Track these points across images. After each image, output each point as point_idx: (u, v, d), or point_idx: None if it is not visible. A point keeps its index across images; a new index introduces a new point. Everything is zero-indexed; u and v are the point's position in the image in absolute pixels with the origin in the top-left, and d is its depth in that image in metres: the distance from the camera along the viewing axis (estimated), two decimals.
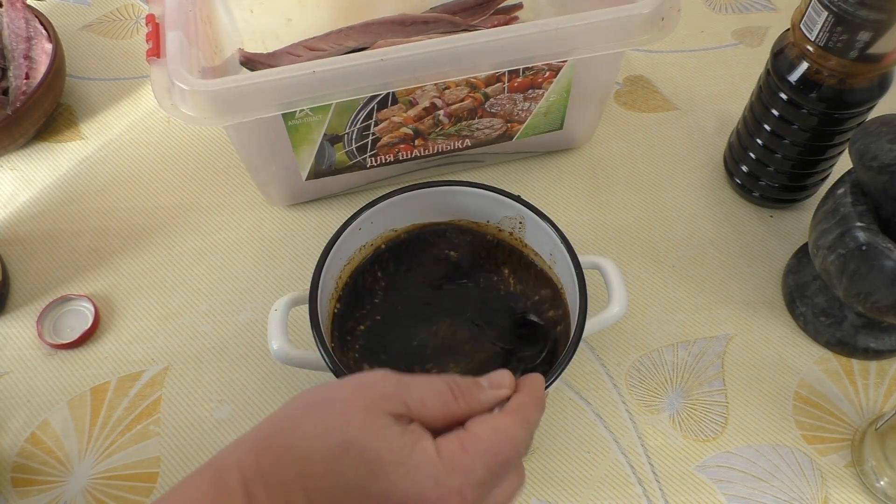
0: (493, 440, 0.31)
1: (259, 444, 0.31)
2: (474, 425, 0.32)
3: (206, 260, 0.60)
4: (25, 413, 0.53)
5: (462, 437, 0.31)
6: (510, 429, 0.32)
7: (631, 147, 0.67)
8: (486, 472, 0.31)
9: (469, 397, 0.33)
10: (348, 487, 0.30)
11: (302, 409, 0.32)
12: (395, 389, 0.32)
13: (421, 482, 0.30)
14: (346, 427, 0.30)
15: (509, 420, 0.33)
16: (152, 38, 0.50)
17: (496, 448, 0.31)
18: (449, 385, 0.33)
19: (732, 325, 0.56)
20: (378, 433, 0.30)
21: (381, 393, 0.32)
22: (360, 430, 0.30)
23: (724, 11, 0.78)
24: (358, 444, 0.30)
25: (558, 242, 0.49)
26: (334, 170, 0.58)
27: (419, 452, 0.30)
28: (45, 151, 0.67)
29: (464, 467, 0.30)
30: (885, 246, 0.45)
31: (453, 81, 0.53)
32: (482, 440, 0.31)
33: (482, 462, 0.31)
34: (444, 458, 0.30)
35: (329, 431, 0.30)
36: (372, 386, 0.32)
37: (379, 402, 0.31)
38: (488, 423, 0.32)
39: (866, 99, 0.51)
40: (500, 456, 0.31)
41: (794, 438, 0.51)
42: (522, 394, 0.35)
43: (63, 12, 0.78)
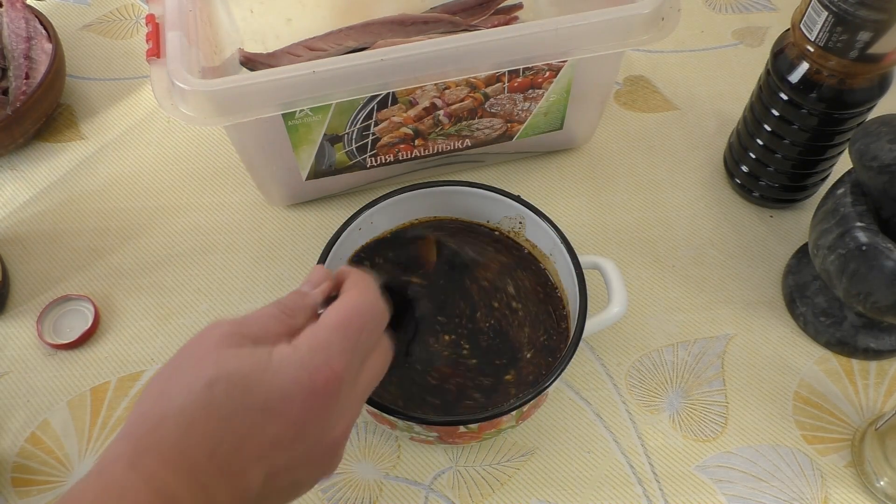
0: (340, 314, 0.33)
1: (134, 428, 0.30)
2: (319, 317, 0.34)
3: (206, 260, 0.60)
4: (25, 413, 0.53)
5: (311, 326, 0.33)
6: (350, 300, 0.34)
7: (631, 147, 0.67)
8: (346, 340, 0.33)
9: (299, 307, 0.34)
10: (231, 415, 0.30)
11: (158, 383, 0.32)
12: (234, 328, 0.33)
13: (289, 373, 0.31)
14: (203, 369, 0.31)
15: (347, 296, 0.34)
16: (152, 38, 0.50)
17: (345, 318, 0.33)
18: (278, 305, 0.34)
19: (732, 325, 0.56)
20: (234, 359, 0.31)
21: (221, 333, 0.32)
22: (216, 365, 0.31)
23: (724, 11, 0.78)
24: (220, 375, 0.30)
25: (558, 242, 0.49)
26: (334, 170, 0.58)
27: (277, 353, 0.32)
28: (45, 151, 0.67)
29: (321, 342, 0.32)
30: (885, 246, 0.45)
31: (453, 81, 0.53)
32: (329, 318, 0.33)
33: (337, 334, 0.32)
34: (300, 347, 0.32)
35: (190, 383, 0.30)
36: (209, 334, 0.32)
37: (224, 340, 0.32)
38: (330, 308, 0.34)
39: (866, 99, 0.51)
40: (353, 323, 0.33)
41: (794, 438, 0.51)
42: (352, 274, 0.36)
43: (63, 12, 0.78)
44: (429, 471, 0.50)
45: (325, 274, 0.36)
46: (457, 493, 0.49)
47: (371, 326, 0.34)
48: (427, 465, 0.50)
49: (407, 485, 0.50)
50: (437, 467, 0.50)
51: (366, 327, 0.34)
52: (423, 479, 0.50)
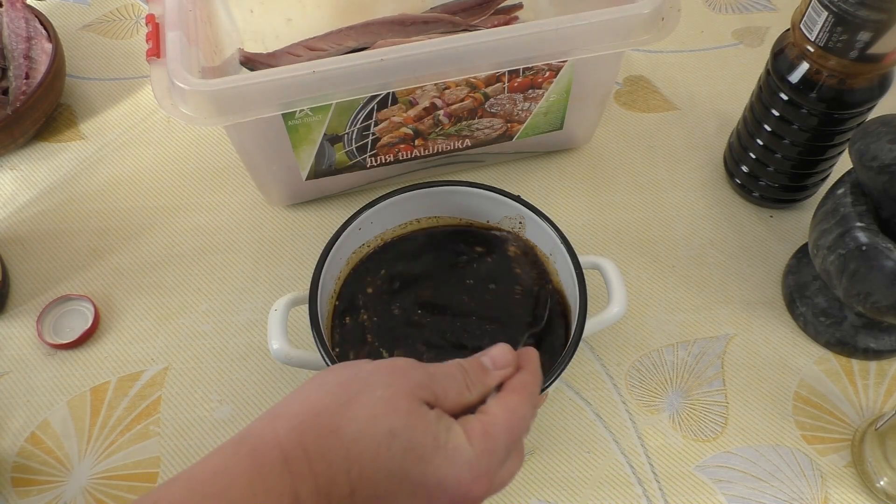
0: (510, 421, 0.34)
1: (301, 422, 0.31)
2: (491, 407, 0.34)
3: (206, 260, 0.60)
4: (25, 413, 0.53)
5: (484, 422, 0.33)
6: (520, 408, 0.35)
7: (631, 147, 0.67)
8: (506, 450, 0.34)
9: (479, 384, 0.35)
10: (393, 472, 0.31)
11: (343, 390, 0.33)
12: (427, 380, 0.34)
13: (458, 466, 0.32)
14: (393, 415, 0.32)
15: (518, 399, 0.35)
16: (152, 38, 0.50)
17: (513, 428, 0.34)
18: (462, 374, 0.35)
19: (732, 325, 0.56)
20: (421, 421, 0.32)
21: (417, 382, 0.33)
22: (407, 418, 0.32)
23: (724, 11, 0.78)
24: (406, 431, 0.31)
25: (558, 242, 0.49)
26: (334, 170, 0.58)
27: (453, 437, 0.32)
28: (45, 151, 0.67)
29: (489, 450, 0.33)
30: (885, 246, 0.45)
31: (453, 81, 0.53)
32: (501, 422, 0.34)
33: (503, 442, 0.33)
34: (474, 443, 0.33)
35: (378, 418, 0.31)
36: (407, 375, 0.34)
37: (416, 391, 0.33)
38: (502, 403, 0.35)
39: (866, 99, 0.51)
40: (515, 434, 0.34)
41: (794, 438, 0.51)
42: (525, 372, 0.37)
43: (63, 12, 0.78)
44: None
45: (510, 358, 0.37)
46: None
47: (524, 435, 0.35)
48: None
49: None
50: None
51: (521, 435, 0.35)
52: None
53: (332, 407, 0.32)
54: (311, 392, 0.33)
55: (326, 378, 0.34)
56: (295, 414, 0.32)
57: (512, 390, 0.35)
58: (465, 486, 0.32)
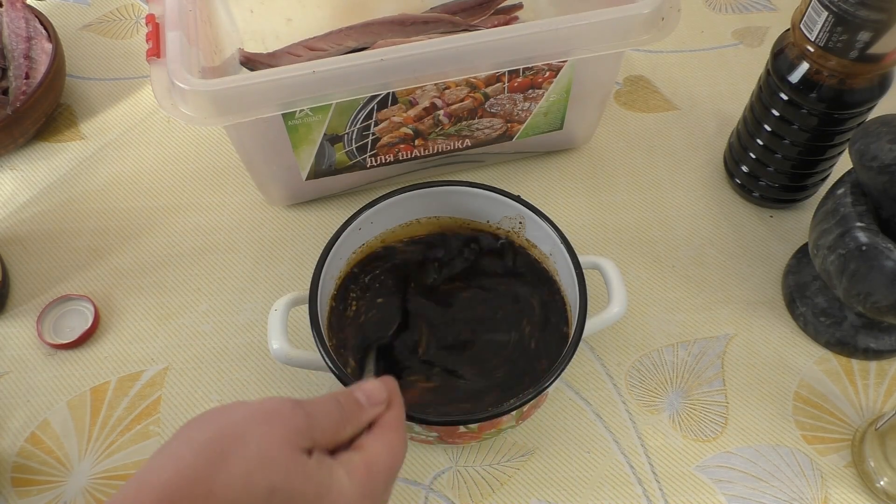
0: (389, 458, 0.34)
1: (169, 493, 0.28)
2: (370, 443, 0.35)
3: (206, 260, 0.60)
4: (25, 413, 0.53)
5: (366, 460, 0.34)
6: (398, 445, 0.35)
7: (631, 147, 0.67)
8: (386, 485, 0.34)
9: (354, 421, 0.35)
10: None
11: (214, 448, 0.30)
12: (304, 424, 0.32)
13: None
14: (271, 470, 0.30)
15: (395, 437, 0.35)
16: (152, 38, 0.50)
17: (392, 464, 0.35)
18: (339, 410, 0.34)
19: (732, 325, 0.56)
20: (301, 471, 0.31)
21: (294, 429, 0.32)
22: (286, 472, 0.30)
23: (724, 11, 0.78)
24: (286, 486, 0.30)
25: (558, 242, 0.49)
26: (334, 170, 0.58)
27: (336, 483, 0.32)
28: (45, 151, 0.67)
29: (372, 489, 0.33)
30: (885, 246, 0.45)
31: (453, 81, 0.53)
32: (381, 460, 0.34)
33: (383, 480, 0.34)
34: (355, 482, 0.32)
35: (253, 475, 0.30)
36: (284, 421, 0.32)
37: (294, 438, 0.31)
38: (381, 440, 0.35)
39: (866, 99, 0.51)
40: (394, 471, 0.35)
41: (794, 438, 0.51)
42: (396, 407, 0.37)
43: (63, 12, 0.78)
44: (429, 471, 0.50)
45: (384, 395, 0.37)
46: (457, 493, 0.49)
47: (399, 470, 0.36)
48: (427, 464, 0.50)
49: (407, 485, 0.50)
50: (437, 467, 0.50)
51: (397, 472, 0.35)
52: (423, 479, 0.50)
53: (203, 470, 0.29)
54: (179, 453, 0.30)
55: (193, 435, 0.31)
56: (163, 483, 0.29)
57: (388, 427, 0.35)
58: None
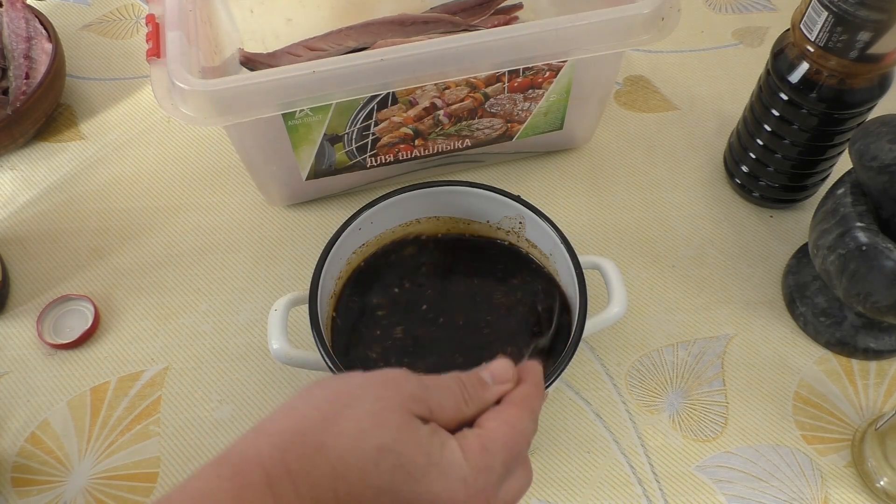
0: (508, 435, 0.33)
1: (284, 439, 0.30)
2: (489, 421, 0.33)
3: (206, 260, 0.60)
4: (25, 413, 0.53)
5: (481, 436, 0.32)
6: (520, 422, 0.34)
7: (631, 147, 0.67)
8: (504, 468, 0.32)
9: (477, 399, 0.34)
10: (382, 490, 0.30)
11: (329, 405, 0.31)
12: (421, 392, 0.32)
13: (452, 483, 0.31)
14: (382, 430, 0.30)
15: (518, 413, 0.34)
16: (152, 38, 0.50)
17: (511, 442, 0.33)
18: (460, 387, 0.34)
19: (732, 325, 0.56)
20: (413, 436, 0.31)
21: (410, 395, 0.32)
22: (397, 433, 0.30)
23: (724, 11, 0.78)
24: (395, 447, 0.30)
25: (558, 242, 0.49)
26: (334, 170, 0.58)
27: (448, 453, 0.31)
28: (45, 151, 0.67)
29: (486, 466, 0.32)
30: (885, 246, 0.45)
31: (453, 81, 0.53)
32: (499, 437, 0.32)
33: (501, 458, 0.32)
34: (469, 459, 0.31)
35: (365, 433, 0.30)
36: (399, 387, 0.32)
37: (409, 404, 0.32)
38: (501, 417, 0.33)
39: (866, 99, 0.51)
40: (515, 449, 0.33)
41: (794, 438, 0.51)
42: (526, 384, 0.35)
43: (63, 12, 0.78)
44: None
45: (511, 373, 0.36)
46: None
47: (526, 450, 0.34)
48: None
49: None
50: None
51: (523, 453, 0.34)
52: None
53: (317, 423, 0.30)
54: (297, 407, 0.31)
55: (313, 392, 0.32)
56: (279, 431, 0.30)
57: (511, 403, 0.34)
58: (460, 502, 0.31)
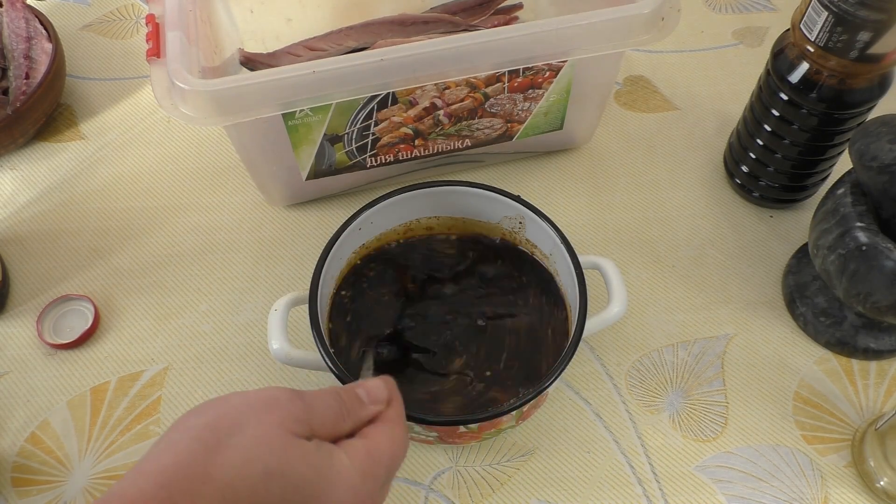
0: (391, 447, 0.35)
1: (167, 475, 0.29)
2: (373, 433, 0.35)
3: (206, 260, 0.60)
4: (25, 413, 0.53)
5: (367, 446, 0.34)
6: (401, 438, 0.36)
7: (631, 147, 0.67)
8: (388, 475, 0.35)
9: (354, 415, 0.35)
10: None
11: (212, 432, 0.31)
12: (302, 412, 0.33)
13: (342, 492, 0.32)
14: (268, 453, 0.31)
15: (398, 429, 0.36)
16: (152, 38, 0.50)
17: (393, 454, 0.35)
18: (339, 403, 0.35)
19: (732, 325, 0.56)
20: (298, 455, 0.31)
21: (292, 416, 0.32)
22: (282, 455, 0.31)
23: (724, 11, 0.78)
24: (284, 468, 0.31)
25: (558, 242, 0.49)
26: (334, 170, 0.58)
27: (336, 462, 0.32)
28: (45, 151, 0.67)
29: (373, 474, 0.33)
30: (885, 246, 0.45)
31: (453, 81, 0.53)
32: (382, 447, 0.35)
33: (385, 467, 0.34)
34: (356, 465, 0.33)
35: (251, 460, 0.30)
36: (280, 408, 0.32)
37: (291, 425, 0.32)
38: (385, 431, 0.35)
39: (866, 99, 0.51)
40: (396, 461, 0.35)
41: (794, 438, 0.51)
42: (396, 403, 0.37)
43: (63, 12, 0.78)
44: (429, 471, 0.50)
45: (385, 394, 0.37)
46: (457, 493, 0.49)
47: (401, 463, 0.36)
48: (427, 464, 0.50)
49: (407, 485, 0.50)
50: (437, 467, 0.50)
51: (400, 464, 0.36)
52: (423, 479, 0.50)
53: (201, 454, 0.30)
54: (177, 440, 0.31)
55: (190, 422, 0.31)
56: (161, 468, 0.29)
57: (391, 420, 0.36)
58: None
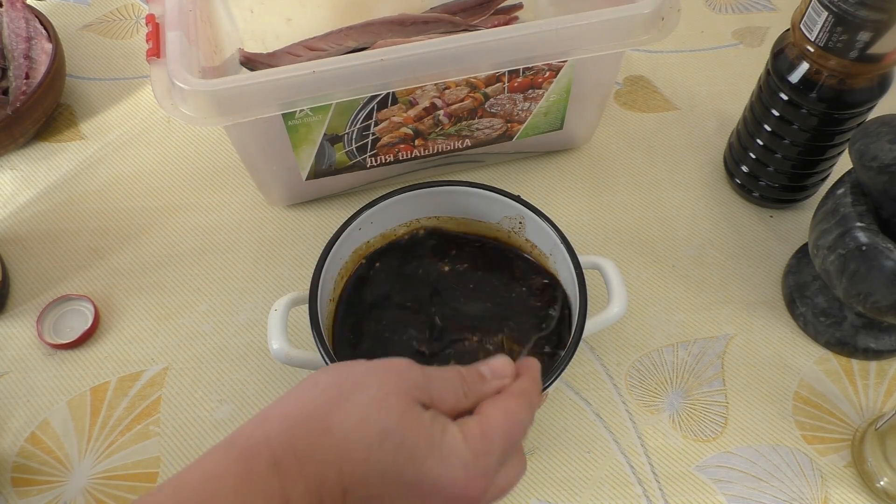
0: (507, 423, 0.34)
1: (291, 423, 0.31)
2: (488, 408, 0.34)
3: (206, 260, 0.60)
4: (25, 413, 0.53)
5: (481, 423, 0.33)
6: (518, 412, 0.35)
7: (631, 147, 0.67)
8: (502, 454, 0.33)
9: (476, 391, 0.35)
10: (385, 472, 0.31)
11: (335, 390, 0.32)
12: (423, 381, 0.33)
13: (452, 466, 0.32)
14: (386, 414, 0.31)
15: (517, 403, 0.35)
16: (152, 38, 0.50)
17: (510, 430, 0.34)
18: (460, 380, 0.35)
19: (732, 325, 0.56)
20: (415, 420, 0.32)
21: (413, 382, 0.33)
22: (400, 418, 0.31)
23: (724, 11, 0.78)
24: (398, 431, 0.31)
25: (558, 242, 0.49)
26: (334, 170, 0.58)
27: (449, 438, 0.32)
28: (45, 151, 0.67)
29: (486, 451, 0.33)
30: (885, 246, 0.45)
31: (453, 81, 0.53)
32: (498, 424, 0.33)
33: (499, 445, 0.33)
34: (470, 443, 0.32)
35: (369, 417, 0.31)
36: (402, 375, 0.33)
37: (412, 391, 0.33)
38: (500, 406, 0.34)
39: (866, 99, 0.51)
40: (512, 438, 0.34)
41: (794, 438, 0.51)
42: (524, 378, 0.37)
43: (63, 12, 0.78)
44: None
45: (509, 369, 0.37)
46: None
47: (522, 440, 0.35)
48: None
49: None
50: None
51: (519, 441, 0.35)
52: None
53: (323, 407, 0.32)
54: (304, 392, 0.33)
55: (319, 378, 0.33)
56: (285, 415, 0.32)
57: (510, 394, 0.35)
58: (459, 486, 0.32)
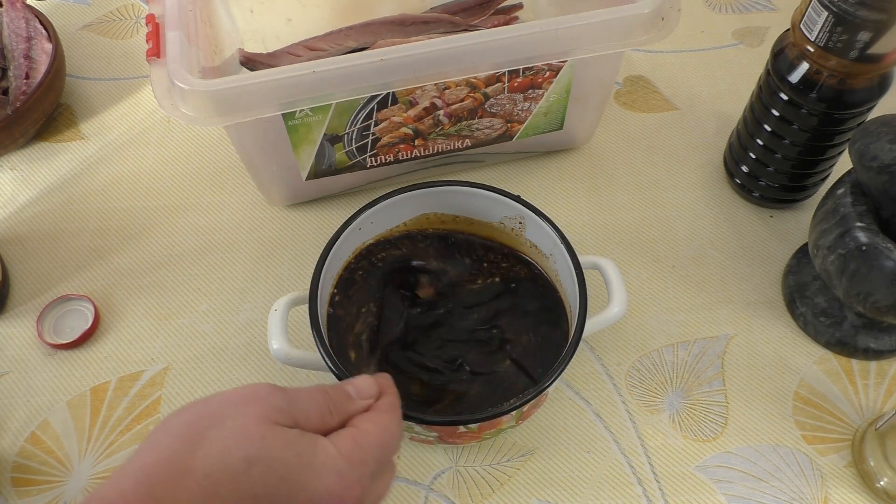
0: (381, 435, 0.35)
1: (146, 474, 0.30)
2: (362, 422, 0.35)
3: (206, 260, 0.60)
4: (25, 413, 0.53)
5: (355, 434, 0.34)
6: (391, 425, 0.36)
7: (631, 147, 0.67)
8: (376, 464, 0.34)
9: (342, 409, 0.35)
10: (258, 497, 0.30)
11: (191, 430, 0.31)
12: (284, 404, 0.33)
13: (327, 478, 0.32)
14: (248, 442, 0.31)
15: (389, 418, 0.36)
16: (152, 38, 0.50)
17: (384, 441, 0.35)
18: (325, 398, 0.35)
19: (732, 325, 0.56)
20: (280, 441, 0.31)
21: (273, 406, 0.32)
22: (262, 442, 0.31)
23: (724, 11, 0.78)
24: (263, 455, 0.30)
25: (558, 242, 0.49)
26: (334, 170, 0.58)
27: (320, 450, 0.32)
28: (45, 151, 0.67)
29: (360, 460, 0.33)
30: (885, 246, 0.45)
31: (453, 81, 0.53)
32: (372, 435, 0.34)
33: (373, 454, 0.34)
34: (343, 453, 0.33)
35: (230, 449, 0.30)
36: (262, 400, 0.33)
37: (272, 415, 0.32)
38: (374, 420, 0.35)
39: (866, 99, 0.51)
40: (387, 448, 0.35)
41: (794, 438, 0.51)
42: (389, 394, 0.38)
43: (63, 12, 0.78)
44: (429, 471, 0.50)
45: (374, 390, 0.37)
46: (457, 493, 0.49)
47: (394, 451, 0.36)
48: (427, 465, 0.50)
49: (407, 485, 0.50)
50: (437, 467, 0.50)
51: (392, 452, 0.36)
52: (423, 479, 0.50)
53: (180, 450, 0.30)
54: (157, 441, 0.31)
55: (172, 422, 0.32)
56: (139, 468, 0.30)
57: (381, 410, 0.36)
58: (336, 494, 0.31)
